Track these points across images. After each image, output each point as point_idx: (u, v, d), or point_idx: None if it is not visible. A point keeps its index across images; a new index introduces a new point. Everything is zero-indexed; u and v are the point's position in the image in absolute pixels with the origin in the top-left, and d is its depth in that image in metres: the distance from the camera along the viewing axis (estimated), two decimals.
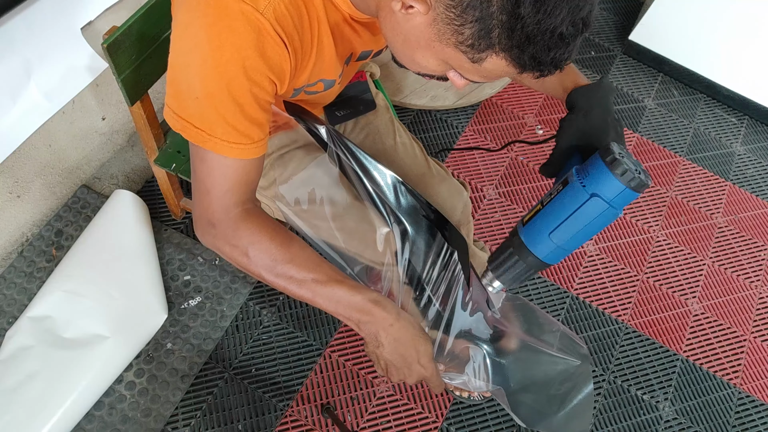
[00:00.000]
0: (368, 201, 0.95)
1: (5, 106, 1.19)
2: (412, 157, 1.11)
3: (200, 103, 0.67)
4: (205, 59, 0.65)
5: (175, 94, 0.70)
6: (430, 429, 1.36)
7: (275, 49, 0.66)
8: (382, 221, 0.95)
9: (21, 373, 1.21)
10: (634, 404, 1.47)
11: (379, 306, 0.77)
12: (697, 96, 2.09)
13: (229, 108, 0.67)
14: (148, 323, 1.33)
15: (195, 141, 0.71)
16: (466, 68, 0.65)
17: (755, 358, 1.57)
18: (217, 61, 0.64)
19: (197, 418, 1.30)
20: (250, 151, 0.72)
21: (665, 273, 1.68)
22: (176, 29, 0.67)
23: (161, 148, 1.22)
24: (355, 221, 0.96)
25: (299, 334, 1.42)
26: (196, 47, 0.65)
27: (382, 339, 0.78)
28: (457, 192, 1.11)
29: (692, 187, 1.87)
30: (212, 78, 0.65)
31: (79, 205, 1.48)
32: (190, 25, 0.65)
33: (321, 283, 0.76)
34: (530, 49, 0.58)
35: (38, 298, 1.29)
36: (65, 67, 1.27)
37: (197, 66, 0.65)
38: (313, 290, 0.77)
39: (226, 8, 0.63)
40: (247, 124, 0.70)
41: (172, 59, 0.68)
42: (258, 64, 0.66)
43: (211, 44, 0.64)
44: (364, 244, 0.96)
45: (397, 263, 0.96)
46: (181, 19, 0.66)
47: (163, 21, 1.00)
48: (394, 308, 0.79)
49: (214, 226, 0.76)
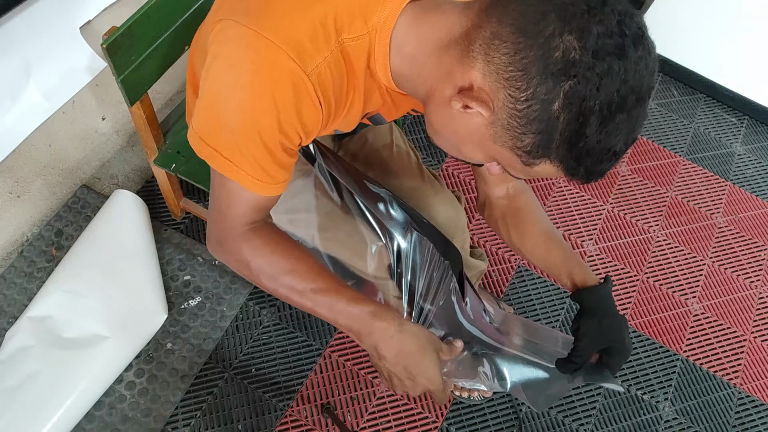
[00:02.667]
0: (359, 215, 0.96)
1: (5, 106, 1.19)
2: (407, 166, 1.10)
3: (234, 138, 0.68)
4: (243, 102, 0.65)
5: (207, 121, 0.70)
6: (430, 429, 1.36)
7: (311, 110, 0.67)
8: (374, 235, 0.95)
9: (21, 373, 1.21)
10: (634, 404, 1.47)
11: (378, 318, 0.76)
12: (697, 96, 2.08)
13: (260, 150, 0.69)
14: (148, 323, 1.33)
15: (221, 170, 0.72)
16: (516, 168, 0.65)
17: (755, 358, 1.57)
18: (255, 108, 0.65)
19: (197, 418, 1.30)
20: (271, 189, 0.73)
21: (665, 273, 1.68)
22: (220, 62, 0.66)
23: (161, 149, 1.22)
24: (346, 234, 0.96)
25: (299, 334, 1.42)
26: (239, 88, 0.65)
27: (383, 351, 0.77)
28: (452, 203, 1.10)
29: (692, 187, 1.87)
30: (247, 122, 0.66)
31: (79, 205, 1.48)
32: (236, 64, 0.65)
33: (320, 293, 0.77)
34: (586, 162, 0.60)
35: (38, 298, 1.29)
36: (65, 66, 1.27)
37: (235, 105, 0.66)
38: (314, 300, 0.77)
39: (276, 62, 0.63)
40: (274, 166, 0.71)
41: (209, 88, 0.68)
42: (292, 120, 0.67)
43: (253, 91, 0.64)
44: (356, 257, 0.96)
45: (391, 277, 0.96)
46: (227, 54, 0.65)
47: (163, 21, 1.00)
48: (395, 319, 0.77)
49: (222, 244, 0.79)
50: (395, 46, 0.68)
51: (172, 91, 1.65)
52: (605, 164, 0.61)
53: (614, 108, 0.56)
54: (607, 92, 0.55)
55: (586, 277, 0.89)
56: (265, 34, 0.63)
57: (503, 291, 1.57)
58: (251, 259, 0.78)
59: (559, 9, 0.56)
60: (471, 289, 0.98)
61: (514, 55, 0.57)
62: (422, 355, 0.77)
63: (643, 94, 0.58)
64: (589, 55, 0.54)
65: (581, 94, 0.55)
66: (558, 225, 1.71)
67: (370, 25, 0.67)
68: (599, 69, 0.55)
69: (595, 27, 0.55)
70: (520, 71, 0.57)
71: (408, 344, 0.77)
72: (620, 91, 0.56)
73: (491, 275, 1.59)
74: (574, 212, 1.75)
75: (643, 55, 0.56)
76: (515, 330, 1.01)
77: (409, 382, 0.79)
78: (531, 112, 0.58)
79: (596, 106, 0.56)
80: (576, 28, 0.55)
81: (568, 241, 1.69)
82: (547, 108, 0.57)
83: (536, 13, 0.56)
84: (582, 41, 0.55)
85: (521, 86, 0.57)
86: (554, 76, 0.55)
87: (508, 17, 0.58)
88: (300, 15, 0.64)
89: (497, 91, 0.59)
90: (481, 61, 0.59)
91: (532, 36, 0.56)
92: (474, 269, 1.21)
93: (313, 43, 0.64)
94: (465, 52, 0.61)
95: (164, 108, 1.63)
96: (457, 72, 0.62)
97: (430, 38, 0.65)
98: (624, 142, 0.59)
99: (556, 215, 1.73)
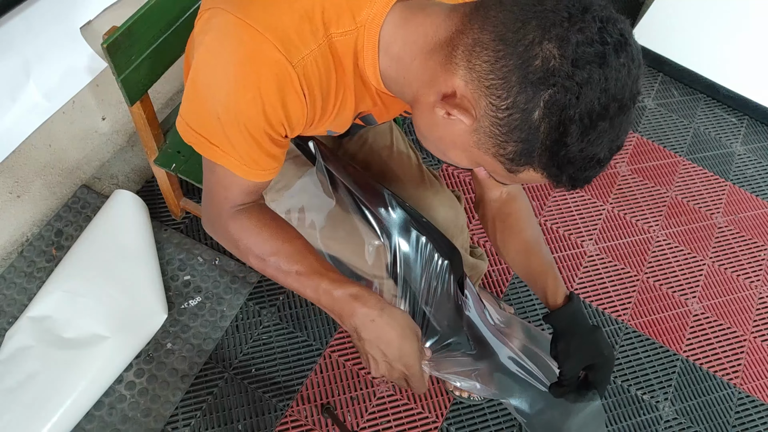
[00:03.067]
0: (358, 214, 0.96)
1: (5, 106, 1.19)
2: (407, 166, 1.10)
3: (221, 125, 0.68)
4: (228, 92, 0.66)
5: (194, 109, 0.71)
6: (430, 429, 1.36)
7: (295, 102, 0.67)
8: (373, 234, 0.95)
9: (21, 373, 1.21)
10: (634, 404, 1.47)
11: (360, 301, 0.77)
12: (697, 96, 2.08)
13: (246, 139, 0.69)
14: (148, 323, 1.33)
15: (208, 156, 0.72)
16: (500, 174, 0.65)
17: (755, 358, 1.57)
18: (239, 99, 0.65)
19: (197, 418, 1.30)
20: (259, 175, 0.74)
21: (665, 273, 1.68)
22: (206, 52, 0.66)
23: (161, 148, 1.22)
24: (346, 233, 0.97)
25: (299, 334, 1.42)
26: (223, 77, 0.65)
27: (363, 334, 0.78)
28: (451, 203, 1.10)
29: (692, 187, 1.87)
30: (232, 111, 0.67)
31: (79, 205, 1.48)
32: (221, 54, 0.65)
33: (305, 275, 0.78)
34: (569, 170, 0.60)
35: (38, 298, 1.29)
36: (65, 67, 1.28)
37: (220, 95, 0.66)
38: (299, 281, 0.79)
39: (261, 52, 0.63)
40: (261, 155, 0.72)
41: (196, 77, 0.68)
42: (277, 112, 0.67)
43: (237, 82, 0.65)
44: (356, 256, 0.97)
45: (390, 276, 0.96)
46: (212, 44, 0.65)
47: (163, 21, 1.00)
48: (377, 303, 0.77)
49: (213, 224, 0.82)
50: (383, 45, 0.67)
51: (172, 91, 1.65)
52: (589, 171, 0.61)
53: (595, 116, 0.56)
54: (587, 101, 0.55)
55: (556, 293, 0.89)
56: (251, 23, 0.63)
57: (503, 291, 1.57)
58: (240, 239, 0.79)
59: (539, 17, 0.55)
60: (471, 289, 0.98)
61: (495, 63, 0.57)
62: (401, 339, 0.78)
63: (626, 101, 0.57)
64: (568, 63, 0.54)
65: (561, 104, 0.55)
66: (558, 225, 1.71)
67: (358, 21, 0.66)
68: (579, 78, 0.54)
69: (575, 35, 0.54)
70: (500, 79, 0.56)
71: (387, 328, 0.77)
72: (601, 100, 0.55)
73: (491, 275, 1.59)
74: (574, 212, 1.75)
75: (625, 62, 0.56)
76: (515, 333, 1.01)
77: (385, 365, 0.80)
78: (512, 121, 0.57)
79: (576, 116, 0.55)
80: (555, 37, 0.54)
81: (568, 240, 1.69)
82: (527, 117, 0.57)
83: (517, 20, 0.56)
84: (561, 50, 0.54)
85: (501, 94, 0.57)
86: (534, 85, 0.55)
87: (489, 24, 0.58)
88: (287, 5, 0.64)
89: (479, 98, 0.59)
90: (463, 68, 0.59)
91: (512, 44, 0.56)
92: (474, 269, 1.21)
93: (299, 35, 0.64)
94: (448, 58, 0.61)
95: (164, 108, 1.63)
96: (441, 78, 0.62)
97: (416, 40, 0.65)
98: (608, 149, 0.59)
99: (556, 215, 1.73)
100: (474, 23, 0.59)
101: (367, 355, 0.81)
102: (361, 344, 0.80)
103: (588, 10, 0.55)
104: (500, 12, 0.57)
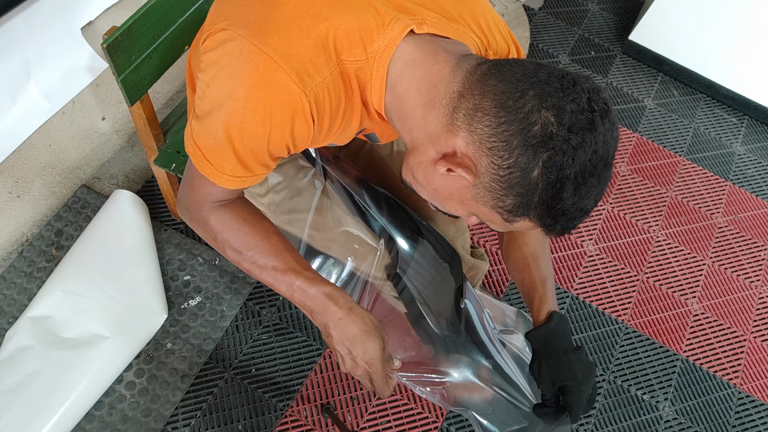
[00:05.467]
0: (359, 216, 0.97)
1: (5, 106, 1.19)
2: None
3: (217, 143, 0.70)
4: (236, 111, 0.67)
5: (200, 124, 0.72)
6: (430, 429, 1.36)
7: (303, 126, 0.70)
8: (373, 236, 0.96)
9: (21, 373, 1.21)
10: (634, 404, 1.47)
11: (331, 300, 0.80)
12: (697, 96, 2.09)
13: (247, 154, 0.72)
14: (148, 323, 1.33)
15: (201, 171, 0.74)
16: (497, 222, 0.70)
17: (755, 358, 1.57)
18: (248, 119, 0.67)
19: (197, 418, 1.30)
20: (247, 182, 0.76)
21: (665, 273, 1.68)
22: (218, 72, 0.67)
23: (161, 148, 1.22)
24: (345, 235, 0.97)
25: (299, 334, 1.42)
26: (233, 99, 0.67)
27: (331, 331, 0.81)
28: None
29: (692, 187, 1.87)
30: (238, 128, 0.68)
31: (79, 205, 1.48)
32: (233, 76, 0.66)
33: (280, 272, 0.81)
34: (562, 220, 0.66)
35: (38, 298, 1.29)
36: (65, 67, 1.28)
37: (226, 113, 0.68)
38: (273, 276, 0.82)
39: (274, 79, 0.65)
40: (255, 165, 0.74)
41: (207, 94, 0.69)
42: (284, 135, 0.70)
43: (247, 104, 0.66)
44: (355, 258, 0.97)
45: (389, 278, 0.97)
46: (227, 64, 0.67)
47: (163, 21, 1.00)
48: (346, 303, 0.81)
49: (191, 212, 0.83)
50: (390, 81, 0.70)
51: (172, 91, 1.65)
52: (577, 220, 0.67)
53: (587, 174, 0.63)
54: (581, 162, 0.61)
55: (540, 311, 0.91)
56: (267, 50, 0.65)
57: (503, 291, 1.57)
58: (218, 232, 0.82)
59: (536, 87, 0.62)
60: (472, 292, 0.98)
61: (497, 127, 0.62)
62: (365, 338, 0.81)
63: (609, 159, 0.65)
64: (565, 129, 0.60)
65: (558, 164, 0.61)
66: None
67: (369, 53, 0.69)
68: (574, 141, 0.61)
69: (569, 104, 0.61)
70: (502, 142, 0.62)
71: (353, 327, 0.80)
72: (592, 160, 0.62)
73: (491, 275, 1.59)
74: None
75: (609, 127, 0.63)
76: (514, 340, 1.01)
77: (350, 361, 0.83)
78: (512, 178, 0.63)
79: (571, 174, 0.62)
80: (552, 105, 0.61)
81: (568, 240, 1.69)
82: (527, 175, 0.62)
83: (516, 90, 0.62)
84: (558, 117, 0.60)
85: (503, 155, 0.62)
86: (534, 148, 0.61)
87: (490, 92, 0.63)
88: (303, 33, 0.66)
89: (480, 158, 0.64)
90: (464, 130, 0.64)
91: (512, 111, 0.61)
92: (475, 269, 1.21)
93: (314, 63, 0.66)
94: (450, 118, 0.66)
95: (164, 108, 1.63)
96: (442, 137, 0.67)
97: (420, 87, 0.68)
98: (594, 200, 0.66)
99: None
100: (474, 90, 0.64)
101: (334, 351, 0.84)
102: (330, 340, 0.83)
103: (577, 82, 0.62)
104: (500, 82, 0.63)
